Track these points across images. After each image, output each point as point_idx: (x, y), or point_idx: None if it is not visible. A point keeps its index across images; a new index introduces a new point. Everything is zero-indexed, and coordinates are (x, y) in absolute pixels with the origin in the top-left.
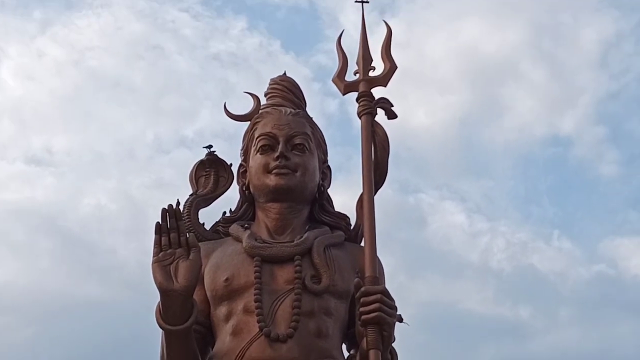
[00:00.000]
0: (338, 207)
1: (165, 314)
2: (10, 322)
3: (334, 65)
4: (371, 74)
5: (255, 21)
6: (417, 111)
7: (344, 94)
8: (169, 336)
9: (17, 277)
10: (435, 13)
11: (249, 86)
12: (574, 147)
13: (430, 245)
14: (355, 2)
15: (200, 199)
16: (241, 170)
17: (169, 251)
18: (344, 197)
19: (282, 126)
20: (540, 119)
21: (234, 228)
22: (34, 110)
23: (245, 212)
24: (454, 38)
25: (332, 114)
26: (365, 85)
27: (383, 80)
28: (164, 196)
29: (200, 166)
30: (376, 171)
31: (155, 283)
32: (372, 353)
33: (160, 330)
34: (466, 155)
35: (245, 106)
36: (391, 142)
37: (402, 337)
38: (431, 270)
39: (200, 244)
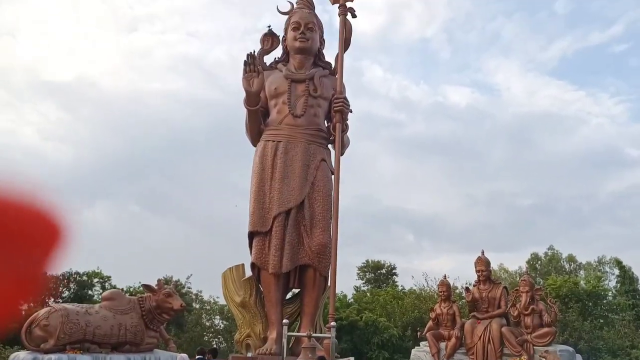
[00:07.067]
0: (327, 59)
1: (247, 102)
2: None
3: None
4: None
5: None
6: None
7: (332, 4)
8: (249, 113)
9: None
10: None
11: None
12: None
13: None
14: None
15: (264, 50)
16: (283, 38)
17: (249, 73)
18: (329, 54)
19: (303, 18)
20: None
21: (279, 65)
22: None
23: (285, 58)
24: None
25: (325, 19)
26: (342, 1)
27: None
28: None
29: (265, 35)
30: (345, 43)
31: (243, 87)
32: (338, 125)
33: (245, 110)
34: None
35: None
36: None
37: None
38: None
39: (264, 71)
